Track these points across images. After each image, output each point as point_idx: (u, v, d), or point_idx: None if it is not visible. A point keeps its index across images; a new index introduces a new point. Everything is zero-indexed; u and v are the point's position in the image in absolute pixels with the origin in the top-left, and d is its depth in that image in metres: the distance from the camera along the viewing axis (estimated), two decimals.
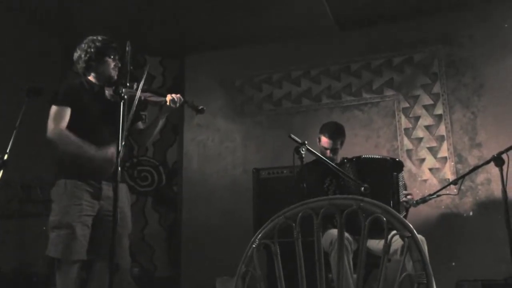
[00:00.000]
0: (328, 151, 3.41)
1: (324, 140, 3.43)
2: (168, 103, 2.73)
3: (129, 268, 2.68)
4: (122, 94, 2.27)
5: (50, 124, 2.55)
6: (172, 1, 4.37)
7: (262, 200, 4.06)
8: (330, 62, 4.95)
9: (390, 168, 3.33)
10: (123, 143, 2.19)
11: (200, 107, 2.82)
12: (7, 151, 2.52)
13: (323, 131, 3.48)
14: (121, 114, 2.23)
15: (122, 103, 2.25)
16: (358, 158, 3.31)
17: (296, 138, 2.92)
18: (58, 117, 2.56)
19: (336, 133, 3.45)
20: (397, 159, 3.57)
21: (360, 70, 4.83)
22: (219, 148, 5.16)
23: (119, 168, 2.16)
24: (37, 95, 2.75)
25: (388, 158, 3.48)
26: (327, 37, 4.95)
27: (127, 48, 2.31)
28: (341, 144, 3.47)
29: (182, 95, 2.79)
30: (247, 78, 5.24)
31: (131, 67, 2.33)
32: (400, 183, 3.32)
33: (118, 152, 2.18)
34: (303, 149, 2.87)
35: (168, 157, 5.29)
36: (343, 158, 3.41)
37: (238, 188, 4.80)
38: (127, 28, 4.61)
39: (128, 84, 2.48)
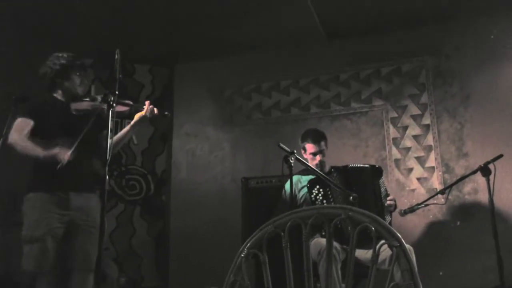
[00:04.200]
0: (317, 156, 3.43)
1: (310, 146, 3.46)
2: (144, 112, 2.83)
3: (115, 277, 2.72)
4: (111, 103, 2.27)
5: (13, 133, 2.65)
6: (162, 9, 4.37)
7: (251, 209, 4.04)
8: (319, 72, 4.97)
9: (371, 176, 3.35)
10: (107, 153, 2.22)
11: (166, 112, 2.94)
12: None
13: (305, 138, 3.53)
14: (109, 122, 2.24)
15: (110, 111, 2.26)
16: (346, 167, 3.33)
17: (285, 147, 2.92)
18: (20, 127, 2.66)
19: (318, 135, 3.52)
20: (376, 166, 3.55)
21: (349, 80, 4.86)
22: (208, 157, 5.14)
23: (107, 177, 2.17)
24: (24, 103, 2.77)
25: (368, 165, 3.46)
26: (316, 47, 4.98)
27: (116, 56, 2.32)
28: (326, 145, 3.51)
29: (171, 103, 2.86)
30: (237, 87, 5.25)
31: (120, 75, 2.35)
32: (381, 189, 3.34)
33: (107, 161, 2.19)
34: (292, 158, 2.88)
35: (157, 165, 5.26)
36: (331, 167, 3.42)
37: (227, 197, 4.78)
38: (117, 36, 4.60)
39: (89, 98, 2.64)
